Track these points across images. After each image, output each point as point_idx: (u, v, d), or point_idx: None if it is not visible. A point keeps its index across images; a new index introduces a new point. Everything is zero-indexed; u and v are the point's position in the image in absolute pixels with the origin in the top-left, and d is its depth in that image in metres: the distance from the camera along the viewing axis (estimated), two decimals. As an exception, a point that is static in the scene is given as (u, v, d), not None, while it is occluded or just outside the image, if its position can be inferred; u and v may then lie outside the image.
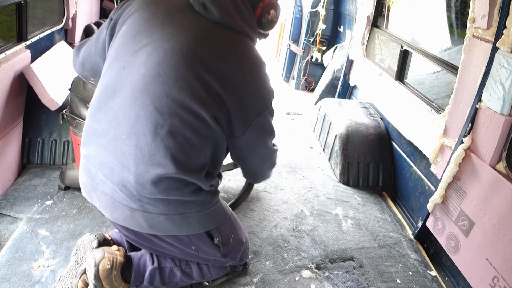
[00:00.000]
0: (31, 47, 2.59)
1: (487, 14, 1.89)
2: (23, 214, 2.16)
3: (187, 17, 1.39)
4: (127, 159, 1.38)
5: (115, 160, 1.41)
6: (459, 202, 2.08)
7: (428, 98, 2.68)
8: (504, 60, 1.80)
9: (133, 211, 1.43)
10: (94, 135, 1.47)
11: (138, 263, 1.64)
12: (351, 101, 3.73)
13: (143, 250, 1.71)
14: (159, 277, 1.66)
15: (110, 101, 1.42)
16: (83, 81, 2.19)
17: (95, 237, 1.73)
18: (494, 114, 1.89)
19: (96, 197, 1.52)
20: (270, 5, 1.54)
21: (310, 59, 4.96)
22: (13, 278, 1.76)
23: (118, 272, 1.57)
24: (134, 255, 1.67)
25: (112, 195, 1.45)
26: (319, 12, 4.68)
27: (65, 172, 2.38)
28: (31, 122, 2.59)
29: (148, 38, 1.37)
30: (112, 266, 1.54)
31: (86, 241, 1.73)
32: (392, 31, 3.48)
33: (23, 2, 2.39)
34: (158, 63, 1.34)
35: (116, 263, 1.56)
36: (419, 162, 2.71)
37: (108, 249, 1.59)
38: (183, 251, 1.62)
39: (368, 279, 2.08)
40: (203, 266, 1.74)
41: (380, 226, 2.55)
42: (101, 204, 1.51)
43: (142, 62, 1.36)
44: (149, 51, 1.36)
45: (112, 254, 1.57)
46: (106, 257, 1.54)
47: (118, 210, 1.46)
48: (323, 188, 2.87)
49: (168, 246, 1.59)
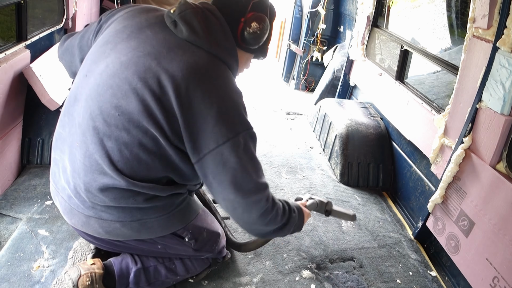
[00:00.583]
0: (31, 47, 2.59)
1: (487, 14, 1.89)
2: (23, 214, 2.16)
3: (155, 33, 1.34)
4: (79, 167, 1.37)
5: (70, 166, 1.41)
6: (459, 202, 2.08)
7: (428, 98, 2.68)
8: (505, 60, 1.80)
9: (88, 218, 1.43)
10: (59, 140, 1.49)
11: (120, 268, 1.60)
12: (351, 101, 3.73)
13: (124, 254, 1.67)
14: (145, 277, 1.63)
15: (72, 108, 1.43)
16: None
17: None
18: (494, 114, 1.88)
19: (58, 201, 1.54)
20: (252, 18, 1.38)
21: (310, 59, 4.96)
22: (12, 278, 1.76)
23: (100, 284, 1.53)
24: (114, 261, 1.63)
25: (69, 201, 1.46)
26: (319, 12, 4.68)
27: None
28: (31, 122, 2.59)
29: (111, 50, 1.35)
30: (93, 281, 1.50)
31: (84, 243, 1.72)
32: (392, 31, 3.48)
33: (22, 2, 2.39)
34: (112, 74, 1.31)
35: (96, 277, 1.51)
36: (419, 162, 2.70)
37: (83, 265, 1.55)
38: (152, 251, 1.59)
39: (368, 279, 2.08)
40: (186, 260, 1.72)
41: (380, 226, 2.55)
42: (61, 209, 1.53)
43: (99, 73, 1.34)
44: (107, 62, 1.34)
45: (89, 269, 1.52)
46: (84, 275, 1.50)
47: (75, 216, 1.46)
48: (323, 188, 2.87)
49: (134, 248, 1.57)
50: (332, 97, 4.19)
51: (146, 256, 1.66)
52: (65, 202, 1.48)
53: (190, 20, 1.31)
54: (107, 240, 1.53)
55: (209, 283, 1.90)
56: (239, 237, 2.19)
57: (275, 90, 5.14)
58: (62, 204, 1.51)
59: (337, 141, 3.12)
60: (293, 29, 5.13)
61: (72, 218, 1.49)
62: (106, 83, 1.31)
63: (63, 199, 1.49)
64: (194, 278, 1.84)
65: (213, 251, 1.75)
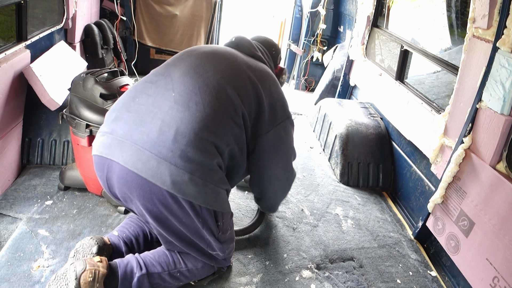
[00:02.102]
0: (31, 47, 2.59)
1: (487, 14, 1.89)
2: (23, 214, 2.16)
3: (230, 50, 1.89)
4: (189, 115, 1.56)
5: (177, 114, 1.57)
6: (459, 202, 2.08)
7: (428, 98, 2.68)
8: (504, 60, 1.80)
9: (161, 162, 1.48)
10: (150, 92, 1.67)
11: (125, 271, 1.62)
12: (351, 101, 3.73)
13: (129, 257, 1.70)
14: (148, 283, 1.66)
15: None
16: (83, 81, 2.19)
17: (95, 242, 1.72)
18: (494, 114, 1.88)
19: (120, 149, 1.54)
20: (282, 72, 2.19)
21: (310, 59, 4.96)
22: (12, 278, 1.76)
23: (101, 284, 1.54)
24: (119, 262, 1.65)
25: (143, 144, 1.51)
26: (319, 12, 4.68)
27: (64, 172, 2.38)
28: (31, 122, 2.59)
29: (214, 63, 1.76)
30: (94, 279, 1.52)
31: (86, 245, 1.71)
32: (392, 31, 3.48)
33: (22, 2, 2.39)
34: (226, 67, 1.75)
35: (99, 275, 1.54)
36: (419, 162, 2.70)
37: (90, 260, 1.57)
38: (190, 222, 1.61)
39: (368, 279, 2.08)
40: (192, 268, 1.77)
41: (380, 226, 2.55)
42: (124, 156, 1.52)
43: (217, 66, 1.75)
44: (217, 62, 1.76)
45: (94, 266, 1.54)
46: (88, 270, 1.52)
47: (144, 160, 1.49)
48: (323, 188, 2.87)
49: (180, 213, 1.57)
50: (332, 97, 4.20)
51: (151, 262, 1.69)
52: (134, 147, 1.51)
53: (249, 45, 1.96)
54: (161, 199, 1.53)
55: (209, 283, 1.90)
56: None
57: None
58: (127, 151, 1.52)
59: (337, 141, 3.12)
60: (293, 29, 5.14)
61: (138, 163, 1.50)
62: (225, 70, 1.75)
63: (132, 144, 1.52)
64: (196, 282, 1.86)
65: (224, 253, 1.80)
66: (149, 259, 1.71)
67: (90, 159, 2.26)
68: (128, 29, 4.51)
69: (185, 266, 1.75)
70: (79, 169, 2.37)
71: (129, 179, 1.53)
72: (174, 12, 4.49)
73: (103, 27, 3.88)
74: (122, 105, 1.66)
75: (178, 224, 1.61)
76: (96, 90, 2.18)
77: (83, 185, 2.39)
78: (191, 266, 1.76)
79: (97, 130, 2.12)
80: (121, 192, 1.60)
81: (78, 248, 1.72)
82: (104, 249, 1.74)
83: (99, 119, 2.16)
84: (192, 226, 1.62)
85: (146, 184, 1.51)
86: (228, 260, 1.90)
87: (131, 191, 1.56)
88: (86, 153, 2.26)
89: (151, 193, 1.52)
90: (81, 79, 2.21)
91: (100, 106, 2.19)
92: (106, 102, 2.20)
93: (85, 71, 2.31)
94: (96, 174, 1.68)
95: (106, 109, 2.20)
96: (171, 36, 4.60)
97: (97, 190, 2.38)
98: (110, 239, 1.82)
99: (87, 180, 2.36)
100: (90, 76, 2.21)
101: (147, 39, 4.57)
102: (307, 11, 4.87)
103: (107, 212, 2.29)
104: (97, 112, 2.16)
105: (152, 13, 4.46)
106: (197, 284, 1.86)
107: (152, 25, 4.53)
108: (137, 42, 4.51)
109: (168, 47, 4.67)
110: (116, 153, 1.54)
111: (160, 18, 4.50)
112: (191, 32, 4.62)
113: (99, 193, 2.38)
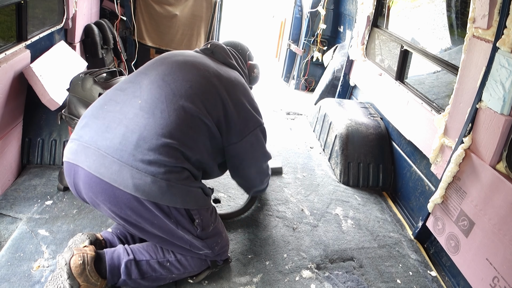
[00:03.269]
0: (31, 47, 2.59)
1: (487, 14, 1.89)
2: (23, 214, 2.16)
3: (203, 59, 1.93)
4: (148, 124, 1.59)
5: (134, 121, 1.60)
6: (459, 202, 2.08)
7: (428, 98, 2.68)
8: (504, 60, 1.80)
9: (123, 166, 1.51)
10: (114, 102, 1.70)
11: (112, 257, 1.67)
12: (351, 101, 3.73)
13: (117, 246, 1.74)
14: (137, 270, 1.68)
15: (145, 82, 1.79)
16: (81, 81, 2.19)
17: (87, 236, 1.74)
18: (494, 114, 1.89)
19: (85, 155, 1.57)
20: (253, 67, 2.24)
21: (310, 59, 4.96)
22: (12, 278, 1.76)
23: (92, 266, 1.60)
24: (107, 250, 1.70)
25: (105, 150, 1.54)
26: (319, 12, 4.68)
27: (63, 172, 2.38)
28: (31, 122, 2.59)
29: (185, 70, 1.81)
30: (84, 261, 1.58)
31: (78, 240, 1.74)
32: (392, 31, 3.48)
33: (22, 2, 2.39)
34: (195, 77, 1.79)
35: (87, 258, 1.59)
36: (419, 162, 2.70)
37: (76, 248, 1.63)
38: (163, 223, 1.61)
39: (368, 279, 2.08)
40: (181, 258, 1.77)
41: (380, 226, 2.55)
42: (88, 162, 1.56)
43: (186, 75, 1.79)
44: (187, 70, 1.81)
45: (81, 250, 1.61)
46: (76, 254, 1.58)
47: (106, 165, 1.53)
48: (323, 188, 2.87)
49: (149, 215, 1.58)
50: (332, 97, 4.20)
51: (139, 250, 1.72)
52: (98, 152, 1.55)
53: (224, 51, 2.03)
54: (127, 202, 1.54)
55: (209, 283, 1.90)
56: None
57: (275, 90, 5.15)
58: (91, 156, 1.56)
59: (337, 141, 3.12)
60: (293, 29, 5.14)
61: (101, 167, 1.53)
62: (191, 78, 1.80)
63: (96, 150, 1.56)
64: (194, 279, 1.87)
65: (213, 250, 1.79)
66: (137, 247, 1.74)
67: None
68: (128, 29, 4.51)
69: (174, 256, 1.75)
70: None
71: (93, 184, 1.56)
72: (174, 12, 4.49)
73: (103, 27, 3.88)
74: (91, 112, 1.70)
75: (150, 226, 1.62)
76: (95, 90, 2.18)
77: None
78: (180, 257, 1.76)
79: None
80: (88, 197, 1.62)
81: (71, 245, 1.74)
82: (96, 244, 1.75)
83: None
84: (166, 228, 1.63)
85: (109, 188, 1.53)
86: (222, 254, 1.87)
87: (97, 196, 1.58)
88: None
89: (116, 198, 1.55)
90: (79, 79, 2.21)
91: None
92: None
93: (84, 71, 2.31)
94: (66, 180, 1.71)
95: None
96: (171, 36, 4.60)
97: None
98: (103, 235, 1.83)
99: (87, 180, 2.36)
100: (89, 76, 2.21)
101: (147, 39, 4.57)
102: (307, 11, 4.87)
103: (107, 212, 2.29)
104: None
105: (152, 13, 4.46)
106: (195, 281, 1.86)
107: (152, 25, 4.53)
108: (137, 42, 4.51)
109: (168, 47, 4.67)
110: (81, 159, 1.58)
111: (160, 18, 4.50)
112: (191, 32, 4.62)
113: None
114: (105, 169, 1.52)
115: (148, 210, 1.56)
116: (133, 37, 4.50)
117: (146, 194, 1.51)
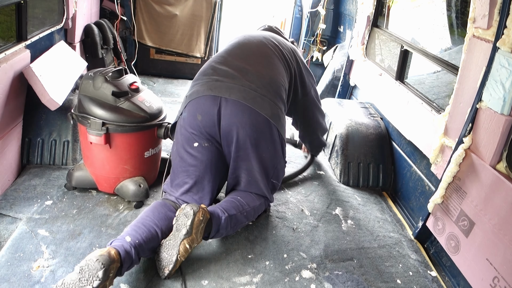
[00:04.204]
0: (31, 47, 2.59)
1: (487, 14, 1.89)
2: (23, 214, 2.16)
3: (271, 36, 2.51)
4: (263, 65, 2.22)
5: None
6: (460, 202, 2.08)
7: (428, 98, 2.67)
8: (505, 60, 1.80)
9: (264, 98, 2.06)
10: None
11: (218, 216, 1.99)
12: (351, 101, 3.73)
13: (212, 207, 2.03)
14: (230, 222, 2.04)
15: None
16: (92, 80, 2.20)
17: (101, 266, 1.60)
18: (494, 114, 1.88)
19: (228, 91, 2.01)
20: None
21: (310, 59, 4.96)
22: (12, 278, 1.76)
23: (204, 226, 1.90)
24: (212, 211, 2.00)
25: (249, 86, 2.04)
26: (319, 12, 4.68)
27: (72, 173, 2.38)
28: (31, 122, 2.59)
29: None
30: (203, 219, 1.89)
31: (92, 266, 1.60)
32: (392, 31, 3.48)
33: (22, 2, 2.39)
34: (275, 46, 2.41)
35: (205, 217, 1.91)
36: (419, 162, 2.70)
37: (201, 206, 1.92)
38: (275, 147, 2.15)
39: (368, 279, 2.08)
40: (254, 206, 2.19)
41: (380, 226, 2.55)
42: (235, 95, 2.00)
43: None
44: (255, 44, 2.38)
45: (204, 209, 1.92)
46: (201, 211, 1.89)
47: (252, 97, 2.03)
48: (323, 188, 2.87)
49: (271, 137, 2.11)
50: (332, 97, 4.20)
51: (227, 208, 2.07)
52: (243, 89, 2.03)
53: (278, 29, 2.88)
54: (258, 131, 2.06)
55: (209, 283, 1.90)
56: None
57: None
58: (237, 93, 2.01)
59: (337, 141, 3.12)
60: (293, 29, 5.13)
61: (249, 100, 2.02)
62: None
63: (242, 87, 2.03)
64: (254, 222, 2.36)
65: (279, 181, 2.35)
66: (225, 206, 2.08)
67: (103, 157, 2.28)
68: (128, 29, 4.51)
69: (248, 206, 2.15)
70: (89, 168, 2.37)
71: (243, 110, 2.01)
72: (174, 12, 4.49)
73: (103, 27, 3.88)
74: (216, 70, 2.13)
75: (267, 147, 2.12)
76: (107, 88, 2.19)
77: (93, 185, 2.39)
78: (253, 205, 2.17)
79: (113, 128, 2.19)
80: (230, 123, 2.01)
81: (84, 267, 1.61)
82: (111, 270, 1.63)
83: (114, 116, 2.17)
84: (274, 152, 2.17)
85: (254, 113, 2.03)
86: (271, 198, 2.33)
87: (241, 120, 2.01)
88: (100, 152, 2.26)
89: (257, 121, 2.04)
90: (90, 78, 2.21)
91: (113, 104, 2.19)
92: (118, 100, 2.21)
93: (92, 71, 2.30)
94: (199, 113, 2.04)
95: (119, 106, 2.20)
96: (171, 36, 4.60)
97: (109, 189, 2.38)
98: (120, 250, 1.71)
99: (98, 179, 2.37)
100: (100, 75, 2.21)
101: (147, 39, 4.57)
102: (307, 11, 4.87)
103: (107, 212, 2.29)
104: (111, 110, 2.18)
105: (152, 13, 4.46)
106: (255, 222, 2.32)
107: (152, 25, 4.53)
108: (137, 42, 4.51)
109: (168, 47, 4.67)
110: (227, 93, 2.01)
111: (160, 18, 4.50)
112: (191, 32, 4.62)
113: (111, 191, 2.38)
114: (252, 100, 2.02)
115: (273, 136, 2.11)
116: (133, 37, 4.51)
117: (257, 104, 2.03)
